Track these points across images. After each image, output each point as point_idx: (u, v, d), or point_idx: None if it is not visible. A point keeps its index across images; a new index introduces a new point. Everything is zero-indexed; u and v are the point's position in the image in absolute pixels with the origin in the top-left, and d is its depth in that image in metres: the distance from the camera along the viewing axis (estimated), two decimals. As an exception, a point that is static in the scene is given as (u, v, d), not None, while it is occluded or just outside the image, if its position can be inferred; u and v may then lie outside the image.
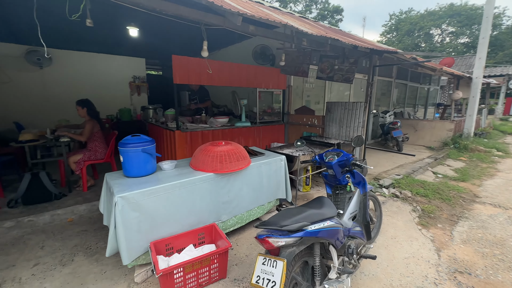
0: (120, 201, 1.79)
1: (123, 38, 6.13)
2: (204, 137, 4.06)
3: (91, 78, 6.29)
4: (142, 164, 2.14)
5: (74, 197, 3.32)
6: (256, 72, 4.54)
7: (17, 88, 5.46)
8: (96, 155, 3.55)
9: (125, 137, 2.16)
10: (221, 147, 2.42)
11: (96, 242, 2.54)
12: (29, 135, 3.04)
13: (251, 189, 2.63)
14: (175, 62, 3.55)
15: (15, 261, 2.24)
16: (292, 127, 5.21)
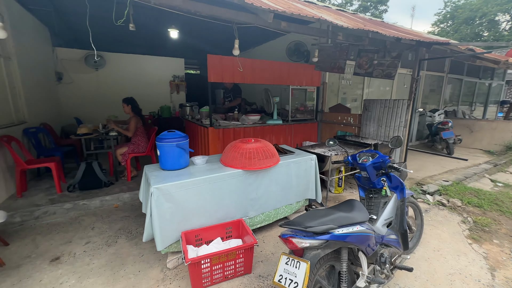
0: (155, 191, 1.93)
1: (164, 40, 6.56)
2: (236, 134, 4.14)
3: (136, 78, 6.88)
4: (176, 158, 2.28)
5: (119, 185, 3.69)
6: (289, 69, 4.47)
7: (78, 88, 6.24)
8: (138, 148, 3.88)
9: (162, 133, 2.32)
10: (250, 145, 2.45)
11: (136, 228, 2.79)
12: (85, 129, 3.46)
13: (279, 187, 2.61)
14: (210, 61, 3.69)
15: (71, 238, 2.59)
16: (326, 126, 5.02)
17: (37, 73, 4.73)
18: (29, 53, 4.41)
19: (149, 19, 4.79)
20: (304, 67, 4.67)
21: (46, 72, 5.25)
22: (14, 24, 3.80)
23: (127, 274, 2.09)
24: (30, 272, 2.09)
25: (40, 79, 4.86)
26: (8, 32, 3.71)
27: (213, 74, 3.75)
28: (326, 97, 5.06)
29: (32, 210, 2.91)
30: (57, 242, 2.51)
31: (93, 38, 2.20)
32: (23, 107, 3.98)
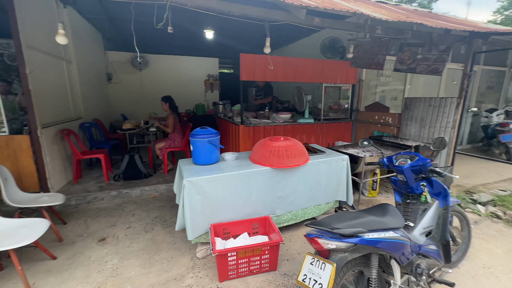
0: (187, 184, 2.05)
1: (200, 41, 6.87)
2: (266, 132, 4.16)
3: (175, 77, 7.32)
4: (207, 154, 2.38)
5: (157, 177, 3.98)
6: (322, 66, 4.33)
7: (124, 87, 6.87)
8: (174, 143, 4.14)
9: (195, 129, 2.44)
10: (279, 143, 2.45)
11: (170, 217, 2.99)
12: (129, 124, 3.81)
13: (307, 187, 2.57)
14: (242, 60, 3.75)
15: (115, 222, 2.88)
16: (361, 126, 4.76)
17: (91, 74, 5.32)
18: (86, 57, 4.97)
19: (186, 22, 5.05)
20: (339, 64, 4.48)
21: (98, 73, 5.88)
22: (74, 31, 4.32)
23: (161, 259, 2.25)
24: (82, 249, 2.38)
25: (93, 79, 5.46)
26: (69, 39, 4.25)
27: (245, 73, 3.81)
28: (362, 95, 4.79)
29: (85, 195, 3.30)
30: (104, 225, 2.82)
31: (137, 41, 2.41)
32: (80, 104, 4.52)
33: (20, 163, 3.04)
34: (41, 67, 3.27)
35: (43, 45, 3.36)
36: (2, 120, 2.92)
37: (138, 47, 2.67)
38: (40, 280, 1.99)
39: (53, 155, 3.35)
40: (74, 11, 4.42)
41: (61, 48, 3.96)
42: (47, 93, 3.40)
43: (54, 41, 2.47)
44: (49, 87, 3.49)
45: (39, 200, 2.47)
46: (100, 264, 2.18)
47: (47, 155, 3.18)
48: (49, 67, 3.52)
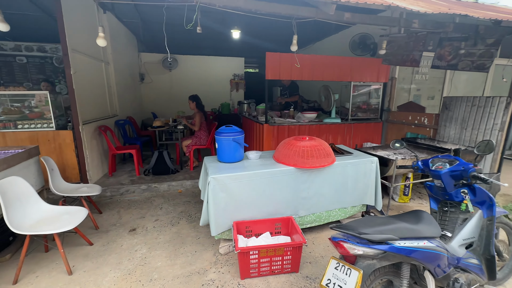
0: (212, 181, 2.09)
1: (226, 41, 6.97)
2: (291, 131, 4.11)
3: (202, 77, 7.54)
4: (232, 152, 2.41)
5: (183, 173, 4.13)
6: (351, 64, 4.16)
7: (155, 87, 7.23)
8: (200, 141, 4.26)
9: (220, 127, 2.49)
10: (304, 142, 2.40)
11: (195, 213, 3.08)
12: (159, 122, 4.00)
13: (333, 189, 2.48)
14: (268, 59, 3.74)
15: (144, 214, 3.04)
16: (393, 126, 4.49)
17: (126, 75, 5.68)
18: (122, 58, 5.32)
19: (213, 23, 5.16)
20: (369, 61, 4.26)
21: (132, 74, 6.26)
22: (112, 34, 4.65)
23: (185, 252, 2.33)
24: (114, 238, 2.55)
25: (128, 79, 5.83)
26: (107, 41, 4.58)
27: (271, 72, 3.80)
28: (395, 94, 4.51)
29: (118, 188, 3.54)
30: (135, 216, 2.99)
31: (167, 43, 2.52)
32: (115, 103, 4.85)
33: (64, 155, 3.34)
34: (83, 68, 3.56)
35: (85, 48, 3.65)
36: (50, 116, 3.24)
37: (168, 48, 2.79)
38: (79, 264, 2.17)
39: (92, 149, 3.64)
40: (112, 16, 4.75)
41: (100, 51, 4.28)
42: (88, 92, 3.70)
43: (95, 44, 2.68)
44: (90, 86, 3.79)
45: (79, 190, 2.69)
46: (131, 252, 2.32)
47: (87, 149, 3.46)
48: (89, 68, 3.82)
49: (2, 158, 2.09)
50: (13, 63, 6.33)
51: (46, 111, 3.23)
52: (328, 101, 4.30)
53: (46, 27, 6.67)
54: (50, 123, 3.26)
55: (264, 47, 8.88)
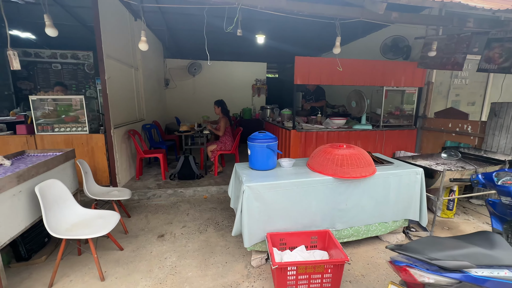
0: (247, 190, 1.99)
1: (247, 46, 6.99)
2: (319, 138, 3.95)
3: (224, 82, 7.58)
4: (265, 159, 2.31)
5: (208, 179, 4.09)
6: (384, 67, 3.95)
7: (179, 92, 7.36)
8: (225, 146, 4.21)
9: (253, 133, 2.40)
10: (342, 150, 2.25)
11: (222, 220, 3.00)
12: (185, 127, 4.01)
13: (373, 201, 2.30)
14: (297, 63, 3.64)
15: (172, 220, 3.00)
16: (428, 134, 4.19)
17: (153, 80, 5.82)
18: (149, 64, 5.46)
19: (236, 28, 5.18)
20: (404, 65, 4.03)
21: (158, 79, 6.41)
22: (142, 42, 4.77)
23: (216, 263, 2.24)
24: (144, 243, 2.52)
25: (154, 85, 5.96)
26: (137, 48, 4.70)
27: (300, 76, 3.69)
28: (431, 100, 4.22)
29: (145, 192, 3.55)
30: (162, 221, 2.96)
31: (192, 48, 2.50)
32: (143, 107, 4.95)
33: (95, 158, 3.42)
34: (115, 73, 3.65)
35: (117, 54, 3.76)
36: (84, 120, 3.33)
37: (193, 54, 2.77)
38: (110, 269, 2.14)
39: (121, 153, 3.69)
40: (142, 23, 4.88)
41: (131, 57, 4.39)
42: (119, 97, 3.79)
43: (126, 50, 2.73)
44: (121, 91, 3.88)
45: (110, 193, 2.71)
46: (160, 260, 2.27)
47: (117, 152, 3.51)
48: (121, 74, 3.92)
49: (43, 161, 2.14)
50: (49, 70, 6.71)
51: (81, 115, 3.33)
52: (359, 107, 4.10)
53: (80, 35, 7.05)
54: (84, 126, 3.35)
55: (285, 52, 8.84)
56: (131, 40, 4.38)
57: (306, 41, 6.59)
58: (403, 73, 4.04)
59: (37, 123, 3.27)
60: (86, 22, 6.29)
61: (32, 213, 1.99)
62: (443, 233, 2.72)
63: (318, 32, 6.70)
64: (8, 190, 1.75)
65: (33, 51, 6.07)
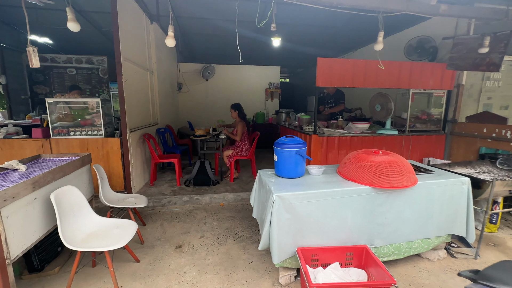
0: (277, 200, 1.81)
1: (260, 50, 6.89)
2: (341, 143, 3.74)
3: (236, 86, 7.47)
4: (294, 166, 2.12)
5: (224, 185, 3.92)
6: (411, 69, 3.73)
7: (192, 96, 7.29)
8: (242, 151, 4.04)
9: (280, 138, 2.22)
10: (379, 157, 2.04)
11: (242, 230, 2.81)
12: (201, 131, 3.87)
13: (415, 214, 2.07)
14: (319, 65, 3.46)
15: (189, 229, 2.83)
16: (459, 140, 3.91)
17: (167, 84, 5.75)
18: (164, 68, 5.40)
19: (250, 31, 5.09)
20: (432, 67, 3.80)
21: (172, 83, 6.35)
22: (157, 45, 4.71)
23: (240, 279, 2.05)
24: (161, 255, 2.35)
25: (168, 89, 5.90)
26: (153, 51, 4.64)
27: (322, 78, 3.51)
28: (461, 104, 3.96)
29: (160, 199, 3.40)
30: (179, 230, 2.80)
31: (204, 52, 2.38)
32: (157, 111, 4.86)
33: (110, 163, 3.30)
34: (131, 76, 3.57)
35: (134, 57, 3.68)
36: (100, 124, 3.24)
37: (206, 58, 2.66)
38: (127, 284, 1.98)
39: (136, 158, 3.58)
40: (158, 26, 4.84)
41: (146, 60, 4.32)
42: (135, 100, 3.70)
43: (142, 53, 2.63)
44: (136, 95, 3.79)
45: (126, 201, 2.57)
46: (180, 274, 2.09)
47: (132, 157, 3.40)
48: (137, 77, 3.84)
49: (59, 166, 2.02)
50: (64, 74, 6.77)
51: (97, 118, 3.24)
52: (385, 111, 3.88)
53: (95, 40, 7.11)
54: (99, 130, 3.26)
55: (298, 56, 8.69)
56: (147, 43, 4.32)
57: (320, 44, 6.45)
58: (431, 75, 3.81)
59: (52, 126, 3.20)
60: (101, 27, 6.33)
61: (47, 222, 1.86)
62: (489, 249, 2.45)
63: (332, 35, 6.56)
64: (22, 198, 1.62)
65: (49, 56, 6.12)
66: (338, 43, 7.23)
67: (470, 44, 3.56)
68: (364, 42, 6.33)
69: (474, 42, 3.53)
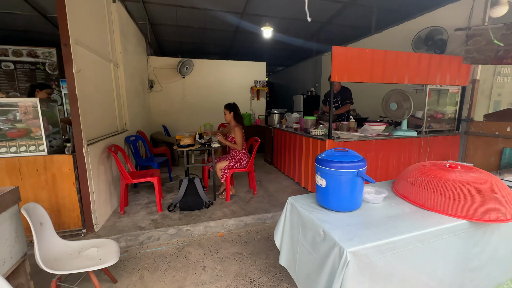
0: (352, 259, 1.10)
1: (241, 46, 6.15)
2: (360, 148, 3.17)
3: (218, 83, 6.61)
4: (352, 194, 1.44)
5: (219, 207, 3.10)
6: (430, 62, 3.31)
7: (166, 95, 6.26)
8: (240, 163, 3.27)
9: (327, 152, 1.52)
10: (464, 175, 1.46)
11: (258, 276, 2.06)
12: (188, 139, 3.00)
13: (508, 250, 1.52)
14: (335, 54, 2.85)
15: (183, 281, 1.99)
16: (476, 140, 3.61)
17: (136, 81, 4.71)
18: (132, 61, 4.37)
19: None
20: (450, 60, 3.43)
21: (142, 80, 5.29)
22: (122, 30, 3.71)
23: None
24: None
25: (138, 86, 4.85)
26: (117, 37, 3.63)
27: (338, 71, 2.90)
28: (476, 101, 3.66)
29: (137, 235, 2.48)
30: (169, 285, 1.94)
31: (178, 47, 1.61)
32: (125, 114, 3.85)
33: (59, 192, 2.30)
34: (88, 67, 2.58)
35: (91, 43, 2.70)
36: (40, 135, 2.22)
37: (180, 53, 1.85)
38: None
39: (99, 180, 2.60)
40: (122, 7, 3.82)
41: (108, 48, 3.32)
42: (94, 100, 2.71)
43: (102, 39, 1.76)
44: (97, 93, 2.80)
45: (83, 256, 1.66)
46: None
47: (93, 180, 2.43)
48: (96, 69, 2.85)
49: None
50: (-3, 70, 5.34)
51: (35, 127, 2.21)
52: (402, 110, 3.40)
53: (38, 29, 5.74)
54: (40, 144, 2.23)
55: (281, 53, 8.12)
56: (108, 26, 3.31)
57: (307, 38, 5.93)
58: (448, 69, 3.43)
59: (-40, 141, 2.10)
60: (47, 12, 5.05)
61: None
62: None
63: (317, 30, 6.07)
64: None
65: (-29, 45, 4.70)
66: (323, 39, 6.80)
67: (488, 36, 3.24)
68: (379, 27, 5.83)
69: (497, 32, 3.21)
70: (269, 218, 2.91)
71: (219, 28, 6.26)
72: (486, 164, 3.47)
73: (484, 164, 3.49)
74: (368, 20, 5.47)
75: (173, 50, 8.28)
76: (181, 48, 8.05)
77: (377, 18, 5.35)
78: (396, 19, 4.80)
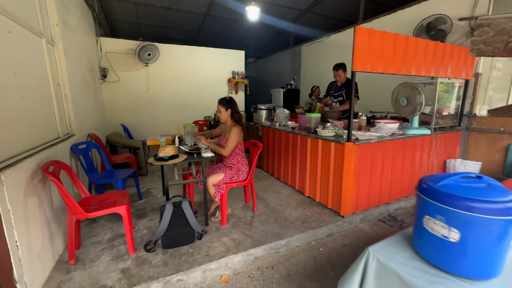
0: None
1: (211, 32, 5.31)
2: (375, 151, 2.72)
3: (191, 73, 5.63)
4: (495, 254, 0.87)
5: (217, 236, 2.34)
6: (444, 52, 3.00)
7: (124, 87, 5.07)
8: (238, 174, 2.54)
9: (447, 180, 0.92)
10: None
11: None
12: (171, 149, 2.14)
13: None
14: (358, 37, 2.30)
15: None
16: (480, 136, 3.48)
17: (83, 68, 3.55)
18: (75, 39, 3.22)
19: None
20: (459, 51, 3.18)
21: (91, 67, 4.08)
22: (59, -7, 2.59)
23: None
24: None
25: (86, 75, 3.68)
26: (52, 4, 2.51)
27: (361, 59, 2.37)
28: (478, 95, 3.53)
29: (101, 302, 1.61)
30: None
31: (141, 29, 0.90)
32: (69, 113, 2.77)
33: None
34: (3, 43, 1.56)
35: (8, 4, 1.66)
36: None
37: (143, 35, 1.11)
38: None
39: (29, 222, 1.63)
40: (57, -39, 2.67)
41: (36, 15, 2.23)
42: (9, 92, 1.69)
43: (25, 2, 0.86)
44: (16, 81, 1.77)
45: None
46: None
47: (17, 226, 1.46)
48: (14, 44, 1.80)
49: None
50: None
51: None
52: (413, 105, 3.05)
53: None
54: None
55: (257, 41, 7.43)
56: (34, -17, 2.21)
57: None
58: (458, 61, 3.19)
59: None
60: None
61: None
62: None
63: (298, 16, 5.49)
64: None
65: None
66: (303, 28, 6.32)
67: (501, 25, 3.05)
68: (338, 28, 5.53)
69: (505, 23, 3.04)
70: (283, 245, 2.28)
71: (186, 10, 5.28)
72: (490, 161, 3.37)
73: (487, 162, 3.39)
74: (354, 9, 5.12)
75: (128, 34, 6.92)
76: (139, 32, 6.76)
77: (365, 7, 5.02)
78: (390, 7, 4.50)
